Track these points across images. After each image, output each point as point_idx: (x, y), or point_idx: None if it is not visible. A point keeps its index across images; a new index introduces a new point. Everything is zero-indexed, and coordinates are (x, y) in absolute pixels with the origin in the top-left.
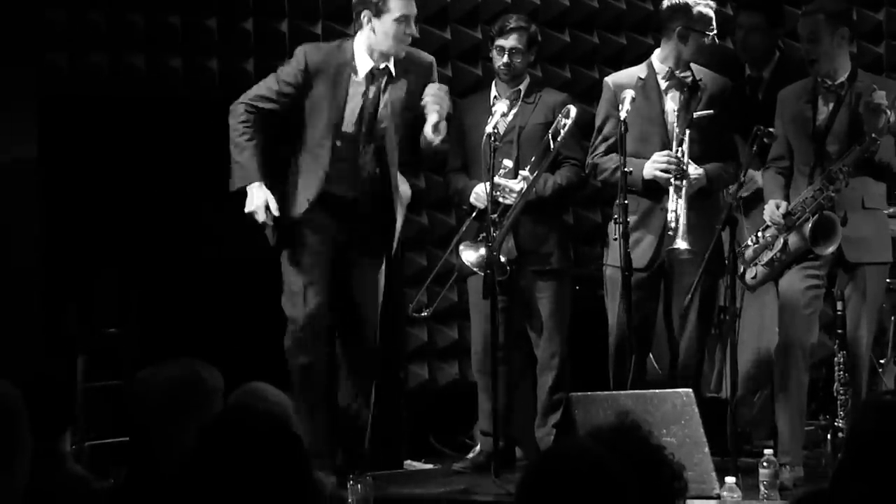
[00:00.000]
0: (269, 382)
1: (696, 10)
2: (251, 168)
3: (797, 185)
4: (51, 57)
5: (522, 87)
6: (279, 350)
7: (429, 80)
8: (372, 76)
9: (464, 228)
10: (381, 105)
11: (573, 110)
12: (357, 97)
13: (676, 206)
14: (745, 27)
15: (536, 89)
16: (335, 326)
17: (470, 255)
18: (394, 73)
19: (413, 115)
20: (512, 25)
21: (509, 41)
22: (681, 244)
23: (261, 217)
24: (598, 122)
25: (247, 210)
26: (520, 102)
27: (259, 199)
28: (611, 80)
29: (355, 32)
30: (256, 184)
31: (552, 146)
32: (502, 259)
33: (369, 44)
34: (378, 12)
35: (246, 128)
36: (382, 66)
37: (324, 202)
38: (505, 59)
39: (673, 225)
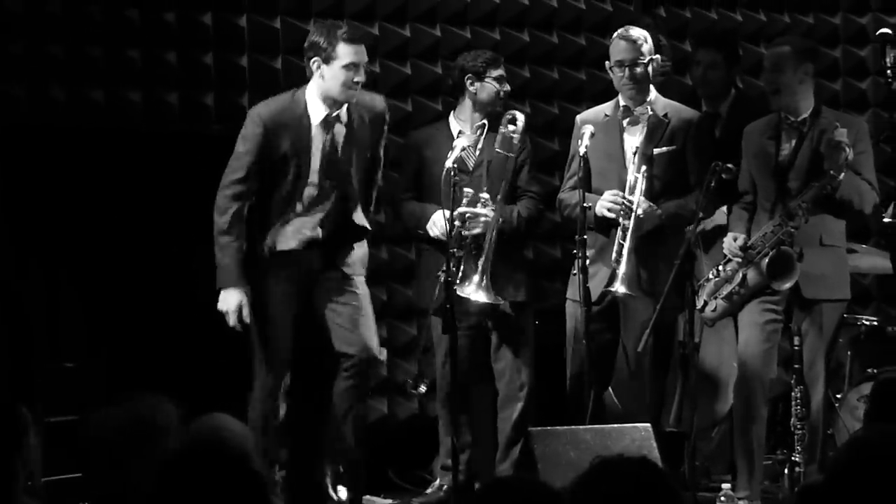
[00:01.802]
0: (231, 413)
1: (610, 46)
2: (231, 272)
3: (759, 221)
4: (8, 89)
5: (486, 119)
6: (242, 381)
7: (381, 125)
8: (326, 124)
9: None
10: (340, 152)
11: (520, 117)
12: (318, 147)
13: (620, 247)
14: (703, 64)
15: (499, 122)
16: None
17: (480, 296)
18: (344, 121)
19: (370, 157)
20: (497, 55)
21: (502, 70)
22: (619, 288)
23: (231, 321)
24: (569, 158)
25: (219, 308)
26: (485, 135)
27: (233, 303)
28: (580, 116)
29: (308, 79)
30: (233, 289)
31: (508, 160)
32: (497, 300)
33: (320, 91)
34: (327, 59)
35: (229, 227)
36: (335, 114)
37: (288, 255)
38: (507, 87)
39: (614, 265)
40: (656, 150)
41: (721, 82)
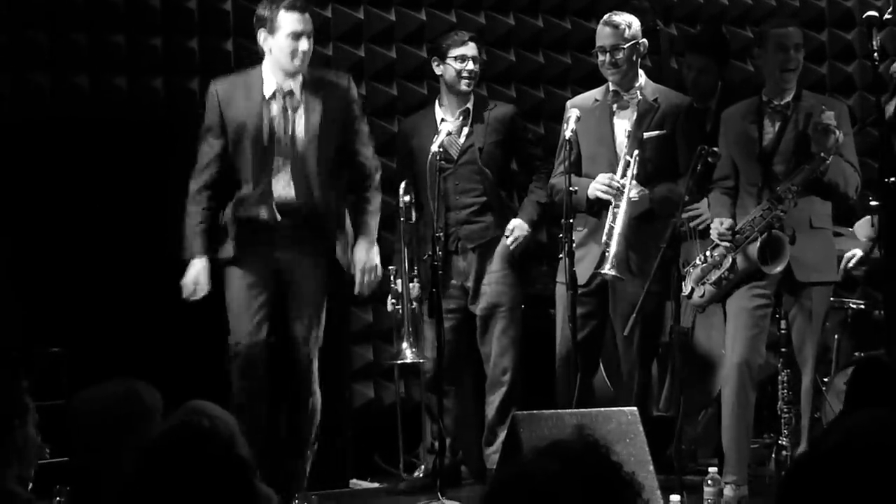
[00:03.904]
0: (214, 400)
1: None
2: (190, 242)
3: (745, 205)
4: None
5: (470, 105)
6: (223, 368)
7: (347, 99)
8: (276, 96)
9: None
10: (297, 131)
11: None
12: (273, 116)
13: (611, 230)
14: (695, 69)
15: (484, 106)
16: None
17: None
18: (300, 99)
19: (337, 132)
20: (469, 35)
21: (471, 49)
22: (608, 270)
23: (185, 293)
24: (559, 144)
25: (182, 282)
26: (470, 121)
27: (190, 276)
28: (570, 102)
29: (261, 57)
30: (196, 258)
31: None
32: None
33: (271, 64)
34: (271, 30)
35: (199, 212)
36: (288, 88)
37: (250, 227)
38: (469, 65)
39: (604, 247)
40: (646, 134)
41: (712, 84)
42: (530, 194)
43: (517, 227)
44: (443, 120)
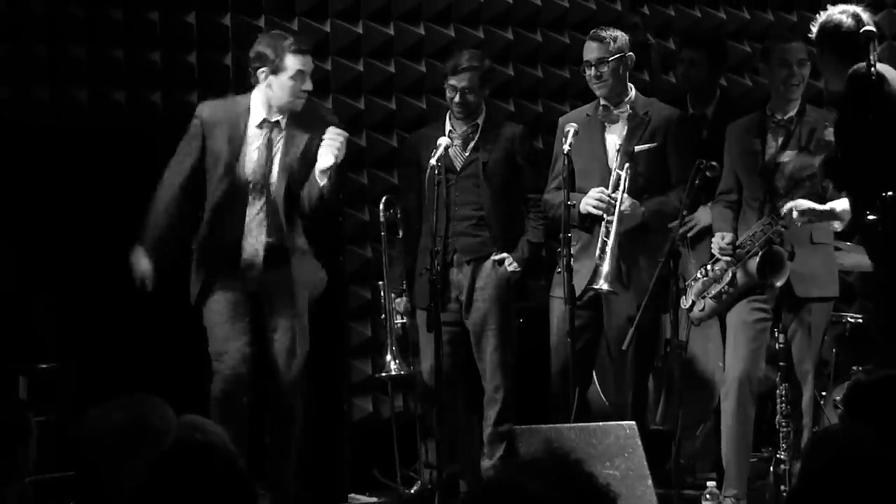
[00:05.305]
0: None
1: None
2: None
3: (747, 219)
4: None
5: (480, 121)
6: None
7: (321, 129)
8: (262, 126)
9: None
10: (276, 157)
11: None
12: (254, 148)
13: (604, 244)
14: (686, 62)
15: (497, 123)
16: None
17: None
18: (282, 127)
19: (308, 170)
20: (464, 65)
21: (461, 81)
22: (602, 285)
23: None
24: (552, 160)
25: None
26: (477, 136)
27: (140, 263)
28: (563, 118)
29: (252, 87)
30: (139, 250)
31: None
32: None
33: (267, 99)
34: (275, 69)
35: (160, 193)
36: (274, 119)
37: (224, 256)
38: (457, 98)
39: (598, 262)
40: (637, 148)
41: (703, 80)
42: (526, 232)
43: (507, 261)
44: (451, 131)
